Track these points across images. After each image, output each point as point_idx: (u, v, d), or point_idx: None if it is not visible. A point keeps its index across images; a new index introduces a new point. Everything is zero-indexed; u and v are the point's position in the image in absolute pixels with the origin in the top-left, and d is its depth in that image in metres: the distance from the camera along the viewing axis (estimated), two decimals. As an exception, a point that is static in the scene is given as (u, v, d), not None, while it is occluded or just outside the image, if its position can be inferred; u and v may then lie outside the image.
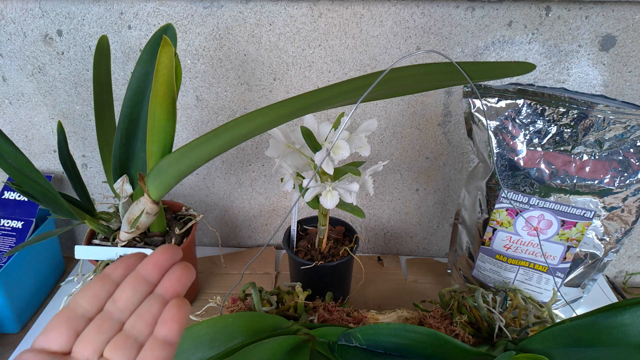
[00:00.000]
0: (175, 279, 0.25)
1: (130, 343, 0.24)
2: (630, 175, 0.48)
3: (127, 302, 0.25)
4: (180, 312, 0.24)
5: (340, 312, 0.51)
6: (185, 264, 0.26)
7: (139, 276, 0.25)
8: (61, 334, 0.24)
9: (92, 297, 0.24)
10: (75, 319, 0.24)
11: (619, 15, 0.57)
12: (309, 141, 0.47)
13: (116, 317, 0.24)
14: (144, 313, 0.24)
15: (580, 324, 0.38)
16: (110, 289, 0.25)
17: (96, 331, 0.24)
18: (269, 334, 0.43)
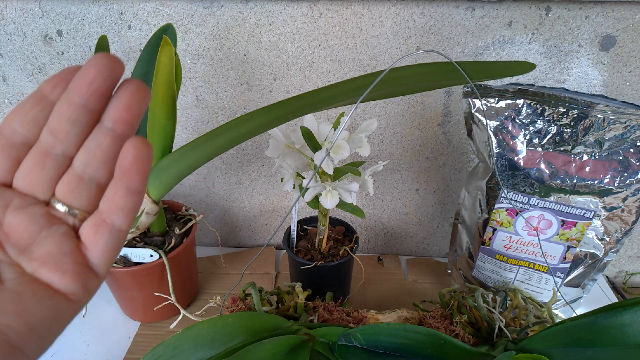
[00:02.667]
0: (124, 105, 0.19)
1: (86, 184, 0.20)
2: (630, 175, 0.48)
3: (68, 134, 0.20)
4: (141, 154, 0.20)
5: (340, 312, 0.51)
6: (133, 81, 0.19)
7: (73, 103, 0.19)
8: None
9: (30, 123, 0.20)
10: (13, 147, 0.20)
11: (619, 15, 0.57)
12: (309, 141, 0.47)
13: (59, 151, 0.20)
14: (93, 149, 0.20)
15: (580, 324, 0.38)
16: (49, 113, 0.20)
17: (40, 165, 0.20)
18: (269, 334, 0.43)
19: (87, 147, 0.20)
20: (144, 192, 0.21)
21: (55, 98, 0.19)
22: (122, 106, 0.19)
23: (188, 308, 0.66)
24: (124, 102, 0.19)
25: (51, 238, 0.20)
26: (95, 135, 0.20)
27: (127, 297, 0.60)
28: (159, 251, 0.56)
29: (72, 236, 0.21)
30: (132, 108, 0.19)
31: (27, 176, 0.20)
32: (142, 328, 0.62)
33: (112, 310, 0.65)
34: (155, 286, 0.58)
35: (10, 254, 0.20)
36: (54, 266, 0.20)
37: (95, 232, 0.21)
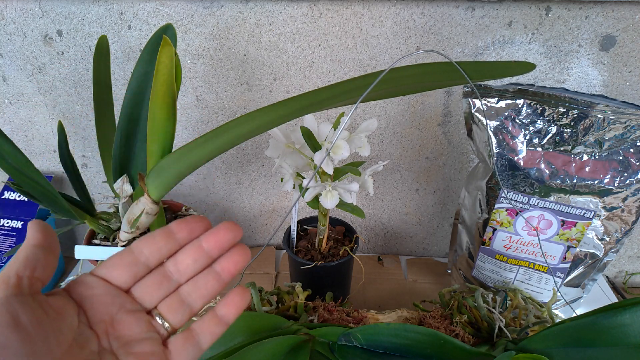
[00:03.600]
0: (233, 262, 0.27)
1: (184, 308, 0.27)
2: (630, 175, 0.48)
3: (187, 268, 0.26)
4: (242, 300, 0.27)
5: (340, 312, 0.51)
6: (242, 247, 0.27)
7: (201, 248, 0.26)
8: (123, 273, 0.26)
9: (156, 250, 0.26)
10: (137, 264, 0.26)
11: (619, 15, 0.57)
12: (309, 141, 0.47)
13: (175, 278, 0.27)
14: (200, 285, 0.27)
15: (580, 324, 0.38)
16: (172, 248, 0.26)
17: (157, 284, 0.26)
18: (269, 334, 0.43)
19: (196, 281, 0.27)
20: (227, 328, 0.27)
21: (180, 238, 0.26)
22: (232, 262, 0.27)
23: (188, 308, 0.66)
24: (234, 260, 0.27)
25: (148, 341, 0.26)
26: (205, 275, 0.27)
27: (127, 297, 0.60)
28: (159, 251, 0.56)
29: (161, 343, 0.26)
30: (237, 264, 0.27)
31: (145, 289, 0.26)
32: (142, 328, 0.62)
33: (112, 310, 0.65)
34: (155, 286, 0.57)
35: (113, 345, 0.25)
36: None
37: (183, 344, 0.27)
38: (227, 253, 0.27)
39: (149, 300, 0.26)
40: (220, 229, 0.26)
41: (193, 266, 0.26)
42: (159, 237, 0.26)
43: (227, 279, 0.27)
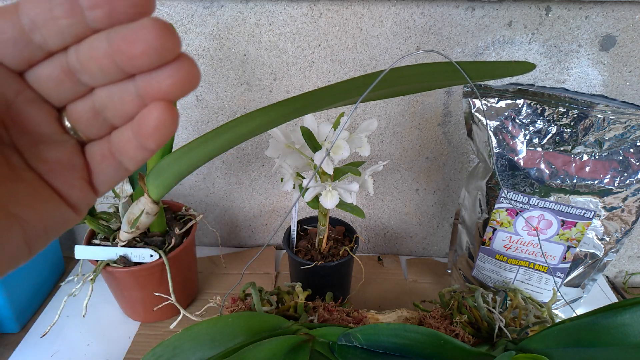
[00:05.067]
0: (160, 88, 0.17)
1: (99, 121, 0.19)
2: (630, 175, 0.48)
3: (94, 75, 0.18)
4: (164, 124, 0.18)
5: (340, 312, 0.51)
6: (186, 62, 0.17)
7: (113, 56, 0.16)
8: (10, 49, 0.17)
9: (55, 29, 0.17)
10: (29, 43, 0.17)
11: (619, 15, 0.57)
12: (309, 141, 0.47)
13: (82, 79, 0.18)
14: (116, 102, 0.18)
15: (580, 324, 0.38)
16: (78, 31, 0.17)
17: (58, 79, 0.18)
18: (269, 334, 0.43)
19: (112, 94, 0.18)
20: (157, 149, 0.19)
21: (92, 21, 0.16)
22: (163, 89, 0.17)
23: (188, 308, 0.66)
24: (166, 86, 0.17)
25: (63, 147, 0.19)
26: (123, 91, 0.18)
27: (127, 297, 0.60)
28: (159, 251, 0.56)
29: (80, 151, 0.20)
30: (170, 93, 0.17)
31: (42, 81, 0.18)
32: (142, 328, 0.62)
33: (112, 310, 0.65)
34: (155, 286, 0.58)
35: (17, 142, 0.19)
36: (64, 175, 0.20)
37: (101, 160, 0.20)
38: (154, 73, 0.17)
39: (53, 97, 0.19)
40: (141, 30, 0.15)
41: (100, 71, 0.17)
42: (59, 8, 0.16)
43: (148, 103, 0.17)
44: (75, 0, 0.16)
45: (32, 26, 0.17)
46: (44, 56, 0.18)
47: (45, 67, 0.18)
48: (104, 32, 0.16)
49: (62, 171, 0.20)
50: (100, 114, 0.19)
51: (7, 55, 0.17)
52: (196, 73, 0.17)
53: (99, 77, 0.17)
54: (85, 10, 0.16)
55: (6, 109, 0.18)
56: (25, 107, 0.18)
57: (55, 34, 0.17)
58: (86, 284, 0.53)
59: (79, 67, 0.17)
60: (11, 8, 0.17)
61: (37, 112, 0.19)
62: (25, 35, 0.17)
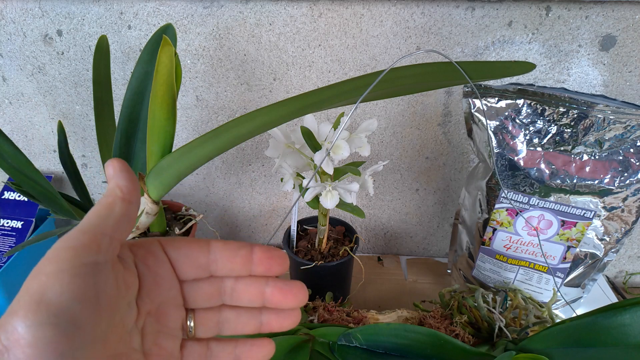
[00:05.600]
0: (279, 324, 0.26)
1: (215, 330, 0.26)
2: (631, 175, 0.48)
3: (239, 299, 0.25)
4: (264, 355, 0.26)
5: (340, 312, 0.51)
6: (295, 315, 0.26)
7: (263, 294, 0.25)
8: (191, 270, 0.25)
9: (229, 269, 0.25)
10: (205, 270, 0.25)
11: (619, 15, 0.57)
12: (309, 141, 0.47)
13: (224, 298, 0.25)
14: (240, 322, 0.26)
15: (580, 324, 0.38)
16: (244, 274, 0.25)
17: (207, 295, 0.25)
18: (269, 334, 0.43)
19: (239, 315, 0.26)
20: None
21: (254, 270, 0.25)
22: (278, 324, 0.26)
23: (188, 308, 0.66)
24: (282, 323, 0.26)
25: (174, 340, 0.25)
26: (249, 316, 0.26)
27: (127, 297, 0.60)
28: (159, 251, 0.56)
29: (180, 346, 0.25)
30: (281, 328, 0.26)
31: (196, 293, 0.25)
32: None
33: (112, 310, 0.65)
34: (155, 286, 0.57)
35: (146, 329, 0.23)
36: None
37: (197, 359, 0.25)
38: (281, 313, 0.25)
39: (193, 302, 0.25)
40: (292, 289, 0.25)
41: (246, 302, 0.25)
42: (240, 259, 0.24)
43: (264, 331, 0.26)
44: (251, 256, 0.24)
45: (214, 260, 0.24)
46: (207, 277, 0.25)
47: (204, 284, 0.25)
48: (262, 278, 0.25)
49: (163, 357, 0.24)
50: (219, 325, 0.26)
51: (185, 271, 0.24)
52: (299, 317, 0.26)
53: (242, 303, 0.25)
54: (254, 264, 0.25)
55: (158, 306, 0.24)
56: (170, 308, 0.24)
57: (227, 270, 0.25)
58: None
59: (230, 292, 0.25)
60: (204, 243, 0.25)
61: (175, 312, 0.25)
62: (207, 264, 0.24)
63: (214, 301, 0.25)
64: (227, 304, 0.26)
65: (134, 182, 0.22)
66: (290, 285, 0.24)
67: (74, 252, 0.19)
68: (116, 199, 0.21)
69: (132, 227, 0.22)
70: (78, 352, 0.18)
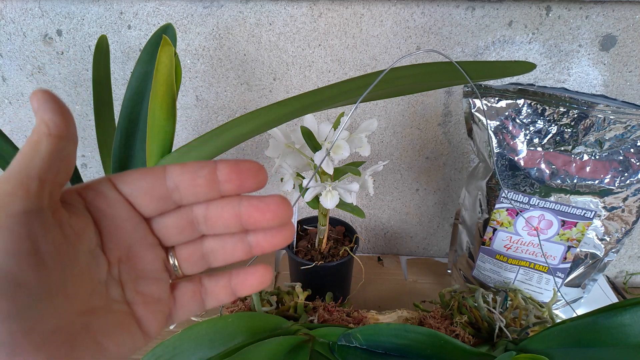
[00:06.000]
0: (271, 243, 0.23)
1: (202, 262, 0.24)
2: (631, 175, 0.48)
3: (217, 225, 0.23)
4: (260, 281, 0.24)
5: (340, 312, 0.51)
6: (288, 230, 0.23)
7: (239, 214, 0.22)
8: (151, 204, 0.22)
9: (192, 193, 0.22)
10: (168, 200, 0.22)
11: (619, 15, 0.57)
12: (308, 141, 0.47)
13: (200, 228, 0.23)
14: (227, 248, 0.23)
15: (581, 324, 0.38)
16: (212, 196, 0.22)
17: (180, 227, 0.23)
18: (269, 334, 0.43)
19: (223, 241, 0.23)
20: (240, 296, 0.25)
21: (224, 190, 0.22)
22: (269, 243, 0.23)
23: (188, 308, 0.66)
24: (273, 241, 0.23)
25: (158, 283, 0.23)
26: (234, 240, 0.23)
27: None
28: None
29: (169, 288, 0.24)
30: (274, 246, 0.23)
31: (167, 227, 0.23)
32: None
33: (112, 311, 0.65)
34: (155, 286, 0.57)
35: (122, 277, 0.22)
36: (151, 308, 0.22)
37: (190, 297, 0.24)
38: (270, 231, 0.22)
39: (168, 239, 0.23)
40: (268, 205, 0.21)
41: (223, 228, 0.22)
42: (202, 179, 0.21)
43: (256, 254, 0.23)
44: (215, 174, 0.21)
45: (174, 188, 0.21)
46: (173, 208, 0.22)
47: (172, 217, 0.23)
48: (234, 199, 0.22)
49: (151, 304, 0.23)
50: (205, 257, 0.24)
51: (145, 207, 0.22)
52: (293, 231, 0.23)
53: (219, 229, 0.23)
54: (222, 183, 0.21)
55: (127, 250, 0.22)
56: (142, 249, 0.22)
57: (192, 196, 0.22)
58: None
59: (203, 221, 0.22)
60: (159, 170, 0.21)
61: (150, 253, 0.23)
62: (167, 193, 0.22)
63: (190, 233, 0.23)
64: (207, 234, 0.23)
65: (64, 113, 0.18)
66: (266, 201, 0.21)
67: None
68: (41, 135, 0.18)
69: (71, 167, 0.20)
70: (30, 311, 0.17)
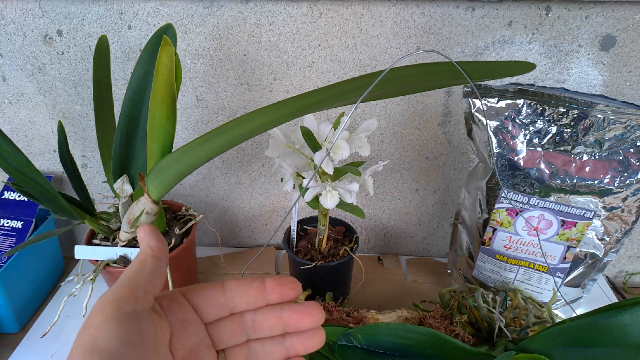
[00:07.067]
0: (304, 346, 0.27)
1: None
2: (630, 175, 0.48)
3: (262, 330, 0.27)
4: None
5: (340, 312, 0.51)
6: (319, 334, 0.27)
7: (282, 319, 0.27)
8: (212, 311, 0.27)
9: (245, 302, 0.27)
10: (225, 308, 0.27)
11: (619, 15, 0.57)
12: (309, 141, 0.47)
13: (248, 332, 0.27)
14: (267, 351, 0.27)
15: (580, 324, 0.38)
16: (260, 304, 0.27)
17: (232, 331, 0.27)
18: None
19: (265, 345, 0.27)
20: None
21: (269, 299, 0.27)
22: (303, 346, 0.27)
23: (188, 308, 0.66)
24: (307, 345, 0.27)
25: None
26: (275, 344, 0.27)
27: (127, 297, 0.60)
28: (159, 251, 0.56)
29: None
30: (307, 349, 0.27)
31: (221, 331, 0.27)
32: (142, 328, 0.62)
33: (112, 310, 0.65)
34: (155, 286, 0.57)
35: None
36: None
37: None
38: (303, 334, 0.27)
39: (221, 342, 0.27)
40: (306, 309, 0.27)
41: (267, 330, 0.27)
42: (254, 290, 0.27)
43: (291, 356, 0.27)
44: (264, 287, 0.27)
45: (230, 298, 0.27)
46: (227, 315, 0.27)
47: (227, 322, 0.27)
48: (278, 306, 0.27)
49: None
50: (249, 358, 0.27)
51: (207, 313, 0.27)
52: (324, 337, 0.27)
53: (263, 332, 0.27)
54: (268, 294, 0.27)
55: (189, 350, 0.26)
56: (201, 350, 0.26)
57: (244, 304, 0.27)
58: (86, 284, 0.53)
59: (251, 324, 0.27)
60: (219, 285, 0.27)
61: (207, 353, 0.26)
62: (225, 302, 0.27)
63: (239, 337, 0.27)
64: (252, 338, 0.28)
65: (162, 241, 0.25)
66: (304, 306, 0.27)
67: (116, 304, 0.22)
68: (147, 256, 0.24)
69: (162, 281, 0.25)
70: None
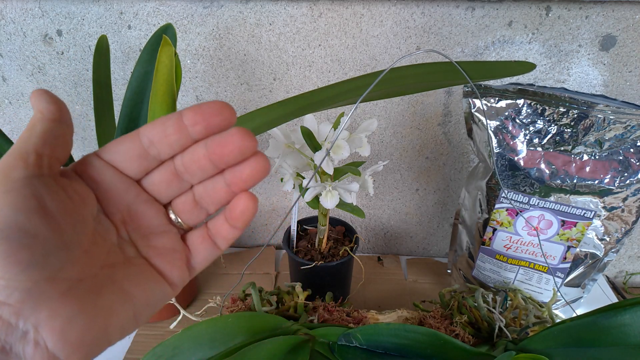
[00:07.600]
0: (242, 178, 0.23)
1: (198, 209, 0.25)
2: (631, 175, 0.48)
3: (195, 172, 0.24)
4: (248, 211, 0.24)
5: (340, 312, 0.51)
6: (260, 158, 0.23)
7: (208, 159, 0.23)
8: (133, 164, 0.23)
9: (167, 145, 0.23)
10: (147, 158, 0.23)
11: (619, 15, 0.57)
12: (309, 141, 0.47)
13: (185, 178, 0.24)
14: (211, 193, 0.24)
15: (581, 324, 0.38)
16: (184, 143, 0.23)
17: (167, 181, 0.24)
18: (269, 334, 0.43)
19: (206, 187, 0.24)
20: (244, 228, 0.25)
21: (193, 134, 0.23)
22: (244, 178, 0.23)
23: (188, 308, 0.66)
24: (246, 175, 0.23)
25: (167, 235, 0.25)
26: (215, 183, 0.24)
27: (127, 297, 0.60)
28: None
29: (180, 239, 0.26)
30: (247, 182, 0.23)
31: (156, 184, 0.24)
32: (142, 328, 0.62)
33: (112, 310, 0.65)
34: (155, 286, 0.57)
35: (132, 236, 0.24)
36: (168, 259, 0.25)
37: (201, 242, 0.25)
38: (239, 165, 0.23)
39: (162, 196, 0.25)
40: (229, 136, 0.22)
41: (201, 171, 0.24)
42: (170, 129, 0.22)
43: (237, 191, 0.24)
44: (182, 122, 0.22)
45: (149, 144, 0.23)
46: (156, 165, 0.24)
47: (157, 173, 0.24)
48: (201, 142, 0.23)
49: (167, 255, 0.25)
50: (198, 204, 0.25)
51: (130, 168, 0.24)
52: (267, 164, 0.23)
53: (198, 174, 0.24)
54: (189, 127, 0.22)
55: (127, 210, 0.24)
56: (141, 207, 0.24)
57: (167, 147, 0.23)
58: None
59: (183, 169, 0.24)
60: (134, 134, 0.23)
61: (149, 209, 0.24)
62: (145, 151, 0.23)
63: (178, 185, 0.24)
64: (193, 183, 0.25)
65: (57, 103, 0.22)
66: (224, 135, 0.22)
67: (1, 173, 0.19)
68: (36, 120, 0.21)
69: (67, 146, 0.22)
70: (50, 259, 0.19)
